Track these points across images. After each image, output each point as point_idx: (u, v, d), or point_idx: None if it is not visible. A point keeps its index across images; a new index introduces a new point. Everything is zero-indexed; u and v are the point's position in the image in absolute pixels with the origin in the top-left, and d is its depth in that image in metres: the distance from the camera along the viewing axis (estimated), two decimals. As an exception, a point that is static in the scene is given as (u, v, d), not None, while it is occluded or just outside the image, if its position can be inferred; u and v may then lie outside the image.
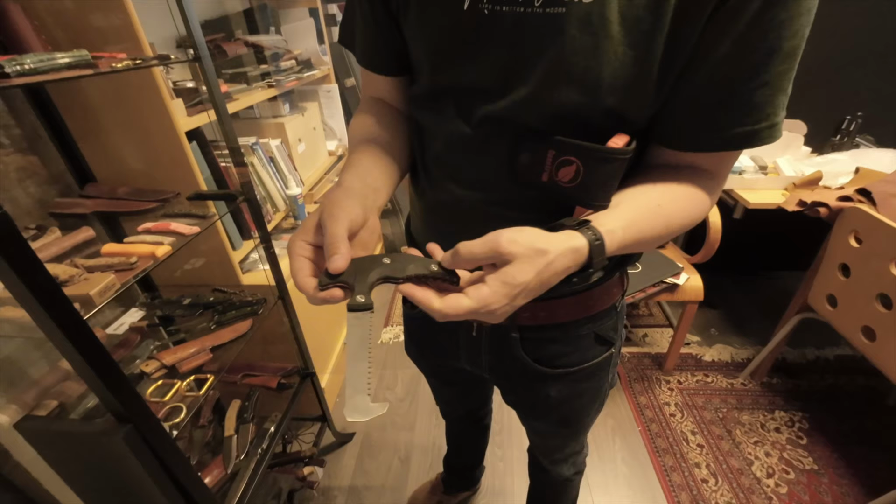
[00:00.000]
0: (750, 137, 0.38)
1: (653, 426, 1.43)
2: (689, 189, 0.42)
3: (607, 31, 0.35)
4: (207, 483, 0.89)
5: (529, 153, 0.42)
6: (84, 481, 0.72)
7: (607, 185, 0.41)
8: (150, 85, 0.84)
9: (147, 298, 1.03)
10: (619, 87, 0.37)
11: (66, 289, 0.56)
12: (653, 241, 0.42)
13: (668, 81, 0.38)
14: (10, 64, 0.48)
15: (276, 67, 1.36)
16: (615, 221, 0.39)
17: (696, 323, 1.85)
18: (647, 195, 0.42)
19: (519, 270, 0.33)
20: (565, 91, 0.38)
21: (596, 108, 0.38)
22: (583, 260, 0.36)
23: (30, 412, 0.66)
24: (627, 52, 0.35)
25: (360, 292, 0.34)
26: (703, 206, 0.44)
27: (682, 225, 0.43)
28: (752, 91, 0.36)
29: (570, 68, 0.37)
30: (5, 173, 0.83)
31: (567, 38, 0.35)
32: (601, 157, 0.39)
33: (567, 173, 0.40)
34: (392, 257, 0.37)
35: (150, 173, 0.95)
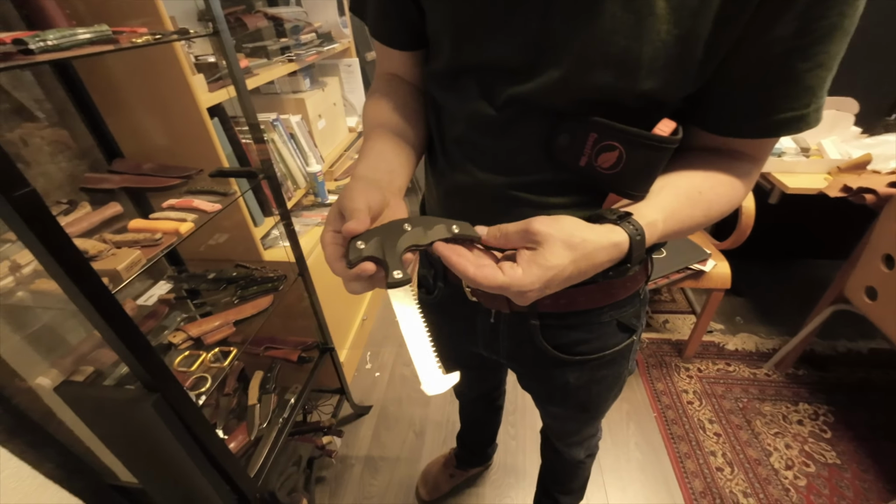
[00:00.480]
0: (797, 122, 0.36)
1: (669, 413, 1.41)
2: (728, 174, 0.40)
3: (652, 6, 0.32)
4: (232, 448, 0.93)
5: (568, 135, 0.39)
6: (119, 442, 0.77)
7: (649, 175, 0.39)
8: (172, 60, 0.84)
9: (174, 272, 1.07)
10: (659, 68, 0.34)
11: (95, 263, 0.58)
12: (692, 229, 0.41)
13: (712, 63, 0.35)
14: (33, 40, 0.49)
15: (296, 41, 1.34)
16: (656, 212, 0.37)
17: (720, 310, 1.80)
18: (688, 181, 0.40)
19: (553, 254, 0.33)
20: (600, 73, 0.35)
21: (631, 91, 0.36)
22: (622, 255, 0.35)
23: (68, 377, 0.70)
24: (672, 30, 0.32)
25: (395, 267, 0.33)
26: (741, 191, 0.42)
27: (721, 212, 0.41)
28: (805, 73, 0.33)
29: (608, 48, 0.34)
30: (39, 147, 0.86)
31: (606, 14, 0.33)
32: (648, 144, 0.37)
33: (608, 159, 0.38)
34: (411, 222, 0.36)
35: (173, 149, 0.96)
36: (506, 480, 1.25)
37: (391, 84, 0.53)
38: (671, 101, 0.38)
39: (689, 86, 0.36)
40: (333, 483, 1.25)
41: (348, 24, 1.75)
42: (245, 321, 0.92)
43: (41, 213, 0.44)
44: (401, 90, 0.52)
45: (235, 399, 1.08)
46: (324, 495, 1.23)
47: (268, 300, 0.96)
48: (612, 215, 0.37)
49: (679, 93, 0.37)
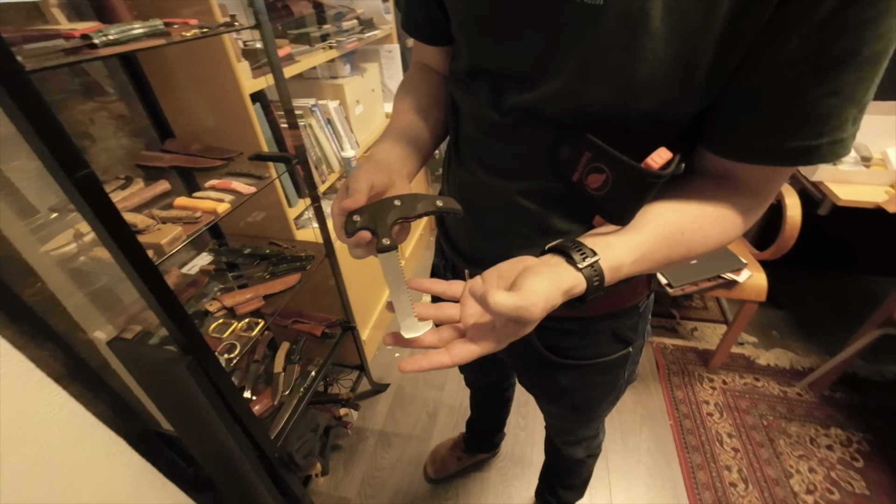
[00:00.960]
0: (807, 153, 0.34)
1: (686, 422, 1.38)
2: (723, 212, 0.39)
3: (647, 26, 0.31)
4: (257, 410, 1.02)
5: (568, 148, 0.40)
6: (159, 395, 0.86)
7: (633, 204, 0.39)
8: (219, 48, 0.90)
9: (215, 245, 1.16)
10: (657, 87, 0.34)
11: (141, 237, 0.65)
12: (668, 267, 0.41)
13: (717, 83, 0.34)
14: (97, 35, 0.55)
15: (338, 27, 1.38)
16: (625, 255, 0.37)
17: (755, 323, 1.72)
18: (674, 219, 0.39)
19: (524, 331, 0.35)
20: (596, 88, 0.35)
21: (630, 109, 0.36)
22: (578, 294, 0.36)
23: (120, 333, 0.80)
24: (668, 49, 0.32)
25: (384, 235, 0.39)
26: (734, 231, 0.40)
27: (705, 251, 0.40)
28: (816, 100, 0.31)
29: (603, 64, 0.34)
30: (104, 125, 0.95)
31: (603, 30, 0.33)
32: (633, 174, 0.36)
33: (596, 180, 0.39)
34: (401, 198, 0.40)
35: (219, 131, 1.03)
36: (511, 469, 1.28)
37: (422, 73, 0.57)
38: (676, 122, 0.37)
39: (693, 106, 0.36)
40: (348, 452, 1.34)
41: (391, 10, 1.76)
42: (274, 296, 0.99)
43: (97, 192, 0.50)
44: (429, 80, 0.56)
45: (263, 366, 1.16)
46: (338, 462, 1.31)
47: (296, 278, 1.03)
48: (577, 255, 0.36)
49: (683, 114, 0.36)
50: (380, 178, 0.41)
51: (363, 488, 1.25)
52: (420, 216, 0.40)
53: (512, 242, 0.47)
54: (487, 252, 0.50)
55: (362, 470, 1.29)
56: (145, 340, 0.81)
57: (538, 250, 0.41)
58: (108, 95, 0.95)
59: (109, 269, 0.64)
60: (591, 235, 0.40)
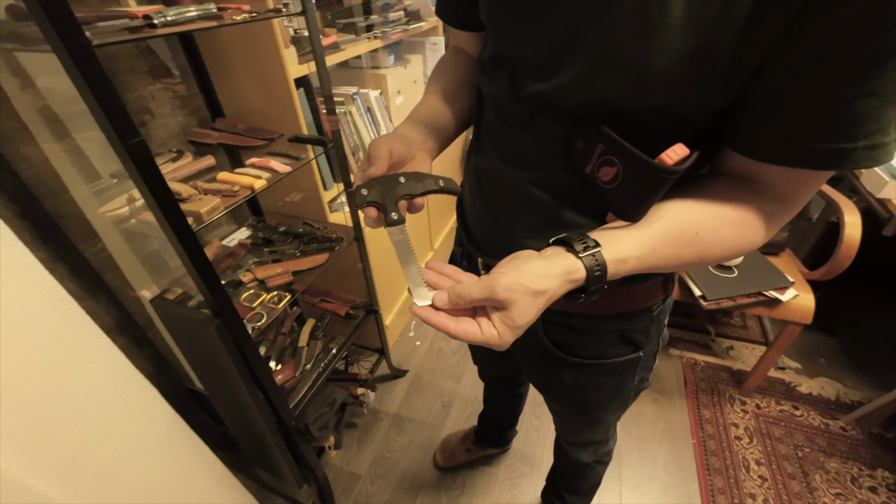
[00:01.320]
0: (840, 157, 0.31)
1: (710, 443, 1.32)
2: (743, 215, 0.37)
3: (665, 16, 0.30)
4: (280, 380, 1.08)
5: (582, 140, 0.40)
6: (192, 354, 0.93)
7: (643, 199, 0.38)
8: (269, 34, 0.94)
9: (254, 221, 1.23)
10: (672, 81, 0.32)
11: (184, 205, 0.70)
12: (680, 267, 0.39)
13: (740, 79, 0.32)
14: (157, 16, 0.60)
15: (384, 18, 1.40)
16: (631, 248, 0.36)
17: (800, 347, 1.60)
18: (688, 217, 0.38)
19: (520, 313, 0.35)
20: (608, 79, 0.35)
21: (644, 103, 0.35)
22: (579, 285, 0.36)
23: (162, 293, 0.87)
24: (686, 42, 0.31)
25: (392, 210, 0.41)
26: (754, 236, 0.38)
27: (721, 255, 0.38)
28: (850, 100, 0.29)
29: (616, 55, 0.33)
30: (164, 103, 1.03)
31: (618, 19, 0.32)
32: (644, 168, 0.35)
33: (607, 173, 0.38)
34: (406, 175, 0.42)
35: (264, 113, 1.09)
36: (520, 468, 1.27)
37: (455, 57, 0.58)
38: (695, 119, 0.36)
39: (714, 102, 0.34)
40: (363, 430, 1.38)
41: (439, 1, 1.77)
42: (303, 272, 1.04)
43: (146, 159, 0.55)
44: (461, 65, 0.57)
45: (289, 339, 1.23)
46: (352, 439, 1.36)
47: (324, 257, 1.07)
48: (579, 245, 0.36)
49: (701, 109, 0.35)
50: (399, 146, 0.43)
51: (373, 467, 1.29)
52: (423, 194, 0.42)
53: (521, 232, 0.47)
54: (498, 240, 0.51)
55: (374, 449, 1.33)
56: (184, 302, 0.88)
57: (545, 242, 0.41)
58: (169, 77, 1.03)
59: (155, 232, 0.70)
60: (599, 229, 0.40)
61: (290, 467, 1.05)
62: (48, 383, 0.59)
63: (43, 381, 0.58)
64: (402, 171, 0.45)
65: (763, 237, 0.38)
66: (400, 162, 0.44)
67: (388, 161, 0.41)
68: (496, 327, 0.35)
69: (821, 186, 0.38)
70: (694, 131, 0.37)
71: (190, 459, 0.85)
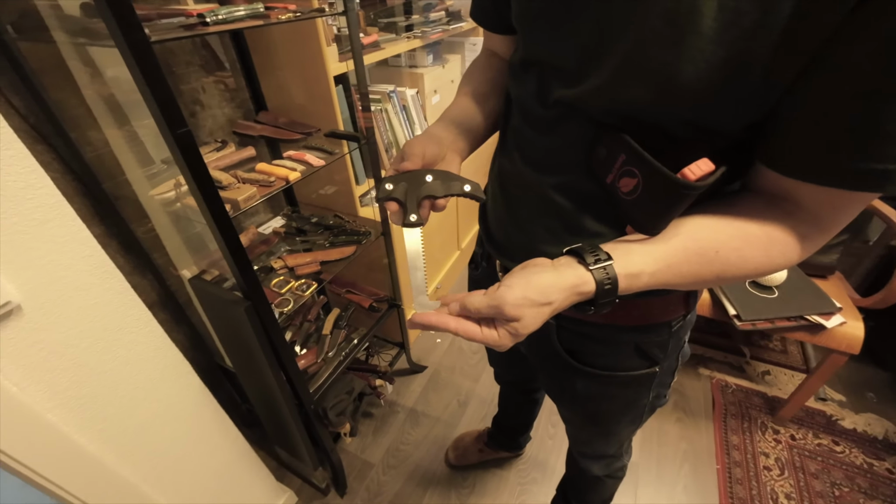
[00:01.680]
0: (882, 179, 0.29)
1: (736, 470, 1.25)
2: (771, 234, 0.35)
3: (696, 24, 0.29)
4: (302, 364, 1.12)
5: (605, 149, 0.39)
6: (223, 333, 0.99)
7: (663, 214, 0.37)
8: (313, 32, 0.98)
9: (289, 211, 1.28)
10: (700, 92, 0.31)
11: (223, 192, 0.75)
12: (698, 285, 0.38)
13: (775, 91, 0.31)
14: (210, 15, 0.64)
15: (425, 18, 1.43)
16: (645, 263, 0.36)
17: (847, 379, 1.49)
18: (709, 234, 0.36)
19: (524, 326, 0.36)
20: (635, 88, 0.34)
21: (671, 113, 0.34)
22: (588, 297, 0.36)
23: (200, 274, 0.92)
24: (717, 52, 0.30)
25: (412, 211, 0.41)
26: (782, 258, 0.36)
27: (742, 276, 0.37)
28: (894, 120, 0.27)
29: (645, 62, 0.33)
30: (213, 95, 1.09)
31: (648, 26, 0.32)
32: (664, 181, 0.35)
33: (627, 184, 0.38)
34: (434, 174, 0.42)
35: (304, 108, 1.13)
36: (532, 474, 1.26)
37: (487, 59, 0.59)
38: (725, 131, 0.34)
39: (745, 115, 0.33)
40: (379, 421, 1.42)
41: (481, 2, 1.78)
42: (330, 263, 1.08)
43: (191, 147, 0.59)
44: (493, 67, 0.58)
45: (315, 326, 1.27)
46: (368, 428, 1.39)
47: (351, 249, 1.11)
48: (590, 257, 0.36)
49: (732, 122, 0.33)
50: (432, 147, 0.44)
51: (387, 457, 1.32)
52: (447, 196, 0.42)
53: (540, 236, 0.47)
54: (517, 243, 0.51)
55: (389, 440, 1.36)
56: (220, 284, 0.93)
57: (563, 248, 0.41)
58: (220, 71, 1.09)
59: (196, 216, 0.75)
60: (614, 241, 0.39)
61: (307, 449, 1.09)
62: (95, 348, 0.65)
63: (91, 346, 0.64)
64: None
65: (794, 259, 0.37)
66: (431, 163, 0.45)
67: (422, 160, 0.42)
68: (497, 333, 0.37)
69: (863, 209, 0.36)
70: (725, 144, 0.35)
71: (215, 432, 0.90)
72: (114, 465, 0.71)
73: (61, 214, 0.56)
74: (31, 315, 0.56)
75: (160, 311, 1.07)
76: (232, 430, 0.95)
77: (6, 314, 0.53)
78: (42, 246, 0.55)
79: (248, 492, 1.06)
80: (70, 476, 0.65)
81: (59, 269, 0.58)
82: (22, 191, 0.52)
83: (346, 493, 1.23)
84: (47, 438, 0.61)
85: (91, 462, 0.67)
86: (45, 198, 0.54)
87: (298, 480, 1.27)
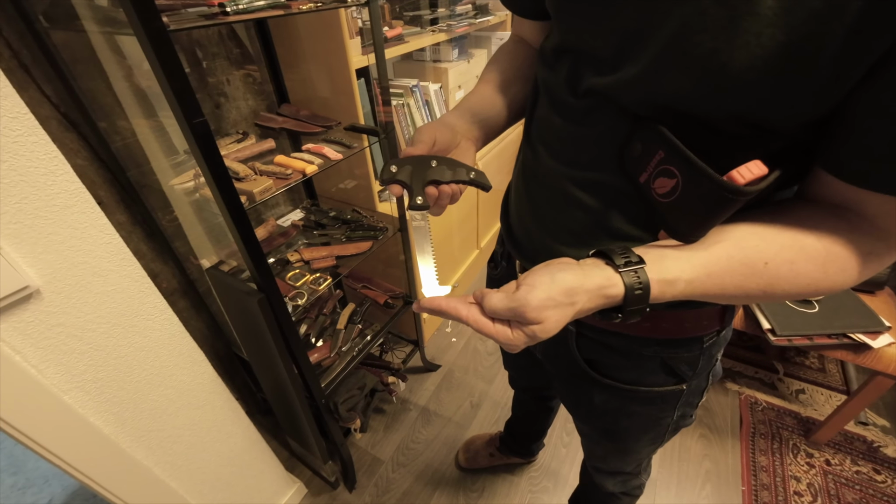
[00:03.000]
0: None
1: (763, 494, 1.18)
2: (830, 248, 0.31)
3: (754, 5, 0.26)
4: (316, 358, 1.12)
5: (641, 145, 0.36)
6: (238, 323, 0.99)
7: (703, 220, 0.33)
8: (336, 24, 0.98)
9: (308, 204, 1.29)
10: (754, 82, 0.28)
11: (240, 184, 0.75)
12: (741, 300, 0.34)
13: (844, 85, 0.27)
14: (230, 4, 0.63)
15: (451, 12, 1.40)
16: (681, 270, 0.32)
17: (892, 403, 1.38)
18: (756, 244, 0.32)
19: (544, 330, 0.33)
20: (677, 77, 0.30)
21: (717, 106, 0.30)
22: (616, 303, 0.33)
23: (218, 265, 0.93)
24: (776, 35, 0.26)
25: (417, 194, 0.40)
26: (842, 276, 0.32)
27: (793, 292, 0.33)
28: None
29: (691, 48, 0.29)
30: (238, 86, 1.10)
31: (696, 7, 0.28)
32: (707, 184, 0.31)
33: (664, 185, 0.34)
34: (438, 160, 0.41)
35: (325, 101, 1.13)
36: (544, 482, 1.23)
37: (515, 45, 0.57)
38: (781, 130, 0.30)
39: (805, 112, 0.29)
40: (390, 418, 1.41)
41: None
42: (346, 257, 1.07)
43: (207, 138, 0.59)
44: (520, 54, 0.56)
45: (329, 320, 1.27)
46: (380, 424, 1.39)
47: (367, 245, 1.10)
48: (620, 259, 0.33)
49: (787, 120, 0.29)
50: (444, 134, 0.43)
51: (396, 454, 1.31)
52: (451, 182, 0.41)
53: (562, 238, 0.44)
54: (538, 244, 0.48)
55: (399, 437, 1.35)
56: (237, 275, 0.94)
57: (587, 251, 0.38)
58: (245, 63, 1.10)
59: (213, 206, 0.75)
60: (647, 245, 0.36)
61: (317, 442, 1.09)
62: (112, 333, 0.66)
63: (108, 330, 0.65)
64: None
65: (854, 278, 0.32)
66: (443, 150, 0.44)
67: (430, 147, 0.41)
68: (512, 331, 0.34)
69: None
70: (779, 145, 0.32)
71: (227, 420, 0.91)
72: (128, 447, 0.72)
73: (82, 201, 0.57)
74: (51, 299, 0.57)
75: (181, 299, 1.10)
76: (244, 419, 0.96)
77: (26, 297, 0.54)
78: (63, 231, 0.56)
79: (258, 480, 1.07)
80: (86, 457, 0.66)
81: (78, 254, 0.59)
82: (43, 177, 0.53)
83: (355, 488, 1.23)
84: (64, 420, 0.62)
85: (106, 444, 0.69)
86: (66, 184, 0.55)
87: (308, 472, 1.28)
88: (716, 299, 0.34)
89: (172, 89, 0.53)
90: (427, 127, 0.43)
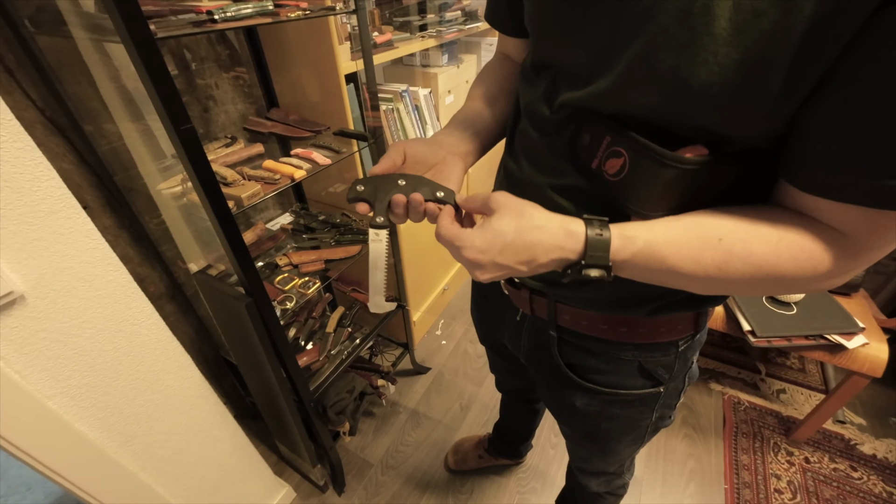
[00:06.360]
0: None
1: (745, 491, 1.21)
2: (783, 234, 0.32)
3: (710, 26, 0.28)
4: (305, 361, 1.12)
5: (589, 134, 0.39)
6: (226, 327, 0.99)
7: (651, 192, 0.35)
8: (325, 30, 0.98)
9: (298, 208, 1.29)
10: (713, 96, 0.30)
11: (227, 189, 0.75)
12: (693, 277, 0.35)
13: (795, 98, 0.29)
14: (218, 12, 0.64)
15: (440, 18, 1.41)
16: (643, 231, 0.34)
17: (869, 403, 1.42)
18: (714, 222, 0.34)
19: (500, 220, 0.36)
20: (644, 91, 0.32)
21: (681, 118, 0.32)
22: (576, 248, 0.35)
23: (206, 269, 0.93)
24: (731, 55, 0.28)
25: (379, 213, 0.42)
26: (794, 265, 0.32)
27: (747, 275, 0.33)
28: None
29: (655, 64, 0.31)
30: (226, 91, 1.10)
31: (659, 27, 0.30)
32: (652, 157, 0.33)
33: (614, 165, 0.37)
34: (406, 178, 0.42)
35: (314, 106, 1.14)
36: (531, 483, 1.24)
37: (501, 62, 0.58)
38: (739, 140, 0.32)
39: (762, 124, 0.31)
40: (380, 421, 1.41)
41: (499, 2, 1.75)
42: (335, 261, 1.08)
43: (194, 143, 0.59)
44: (504, 70, 0.57)
45: (319, 323, 1.28)
46: (369, 427, 1.39)
47: (356, 248, 1.10)
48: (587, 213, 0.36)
49: (747, 129, 0.31)
50: (419, 149, 0.44)
51: (386, 457, 1.31)
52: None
53: None
54: None
55: (389, 440, 1.36)
56: (224, 279, 0.94)
57: None
58: (234, 68, 1.10)
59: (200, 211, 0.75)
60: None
61: (305, 445, 1.09)
62: (97, 338, 0.65)
63: (94, 335, 0.65)
64: (428, 174, 0.45)
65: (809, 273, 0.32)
66: (420, 164, 0.45)
67: (396, 163, 0.42)
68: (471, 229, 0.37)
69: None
70: (742, 154, 0.33)
71: (215, 425, 0.91)
72: (113, 453, 0.72)
73: (67, 206, 0.57)
74: (35, 304, 0.57)
75: (168, 303, 1.09)
76: (231, 423, 0.96)
77: (10, 303, 0.54)
78: (48, 237, 0.56)
79: (247, 485, 1.06)
80: (70, 463, 0.66)
81: (64, 259, 0.59)
82: (28, 182, 0.53)
83: (344, 491, 1.23)
84: (48, 426, 0.62)
85: (91, 449, 0.68)
86: (52, 189, 0.55)
87: (297, 476, 1.27)
88: (675, 277, 0.35)
89: (160, 96, 0.54)
90: (398, 143, 0.44)
